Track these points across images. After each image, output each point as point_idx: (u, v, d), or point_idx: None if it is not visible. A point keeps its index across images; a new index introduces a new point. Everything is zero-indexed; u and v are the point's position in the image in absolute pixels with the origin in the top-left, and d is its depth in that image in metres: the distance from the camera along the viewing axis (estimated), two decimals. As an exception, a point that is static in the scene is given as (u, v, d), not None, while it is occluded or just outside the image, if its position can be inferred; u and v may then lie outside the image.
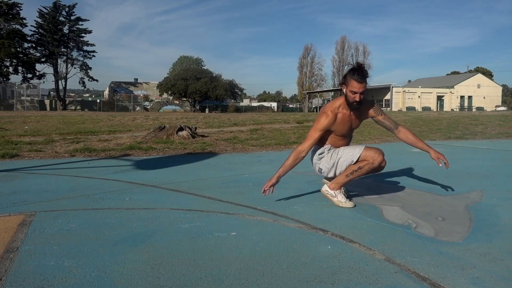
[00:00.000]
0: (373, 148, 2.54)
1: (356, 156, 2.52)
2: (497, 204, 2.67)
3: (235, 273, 1.56)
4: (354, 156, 2.53)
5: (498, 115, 16.44)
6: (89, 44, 45.13)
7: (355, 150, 2.55)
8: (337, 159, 2.60)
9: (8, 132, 8.41)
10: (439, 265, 1.64)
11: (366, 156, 2.51)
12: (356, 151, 2.54)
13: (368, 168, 2.51)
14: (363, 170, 2.52)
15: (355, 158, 2.53)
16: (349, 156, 2.55)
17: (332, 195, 2.60)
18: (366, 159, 2.51)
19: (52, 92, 53.14)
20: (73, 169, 4.12)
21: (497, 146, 6.56)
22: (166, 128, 7.27)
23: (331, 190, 2.61)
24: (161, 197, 2.85)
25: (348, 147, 2.65)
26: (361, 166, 2.51)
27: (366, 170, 2.52)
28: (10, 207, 2.54)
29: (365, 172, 2.55)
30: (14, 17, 37.04)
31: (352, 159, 2.53)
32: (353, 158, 2.53)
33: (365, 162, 2.51)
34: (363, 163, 2.51)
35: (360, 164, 2.52)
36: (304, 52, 57.46)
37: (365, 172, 2.54)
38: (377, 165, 2.51)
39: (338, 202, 2.57)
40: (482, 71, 58.19)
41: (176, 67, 63.79)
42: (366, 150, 2.52)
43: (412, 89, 45.68)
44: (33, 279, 1.49)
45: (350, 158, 2.54)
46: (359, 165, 2.52)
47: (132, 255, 1.73)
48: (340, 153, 2.60)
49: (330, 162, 2.62)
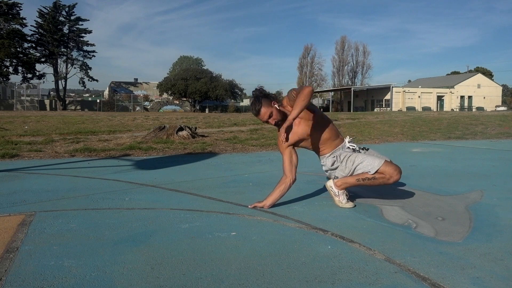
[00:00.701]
0: (393, 165, 2.47)
1: (374, 168, 2.44)
2: (497, 204, 2.67)
3: (235, 273, 1.56)
4: (373, 168, 2.45)
5: (498, 115, 16.45)
6: (89, 44, 45.16)
7: (375, 162, 2.46)
8: (353, 168, 2.52)
9: (8, 132, 8.42)
10: (439, 265, 1.64)
11: (384, 171, 2.43)
12: (376, 164, 2.45)
13: (381, 182, 2.46)
14: (376, 182, 2.47)
15: (373, 170, 2.45)
16: (367, 167, 2.47)
17: (335, 194, 2.58)
18: (384, 173, 2.44)
19: (52, 92, 53.14)
20: (73, 169, 4.12)
21: (497, 146, 6.56)
22: (166, 128, 7.27)
23: (336, 189, 2.57)
24: (161, 197, 2.85)
25: (368, 156, 2.54)
26: (376, 177, 2.45)
27: (379, 183, 2.47)
28: (10, 207, 2.54)
29: (376, 184, 2.49)
30: (14, 17, 37.06)
31: (369, 171, 2.46)
32: (371, 170, 2.45)
33: (381, 176, 2.44)
34: (379, 176, 2.44)
35: (376, 175, 2.45)
36: (304, 52, 57.56)
37: (377, 184, 2.49)
38: (391, 182, 2.47)
39: (338, 202, 2.57)
40: (482, 71, 58.18)
41: (176, 67, 63.81)
42: (385, 164, 2.44)
43: (412, 89, 45.68)
44: (33, 279, 1.49)
45: (368, 168, 2.46)
46: (375, 175, 2.45)
47: (132, 255, 1.73)
48: (358, 161, 2.50)
49: (346, 171, 2.54)
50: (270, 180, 3.51)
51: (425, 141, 7.51)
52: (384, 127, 10.61)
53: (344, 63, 57.44)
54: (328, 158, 2.62)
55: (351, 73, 58.04)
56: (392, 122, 12.14)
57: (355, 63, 57.73)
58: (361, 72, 57.84)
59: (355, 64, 57.71)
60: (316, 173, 3.73)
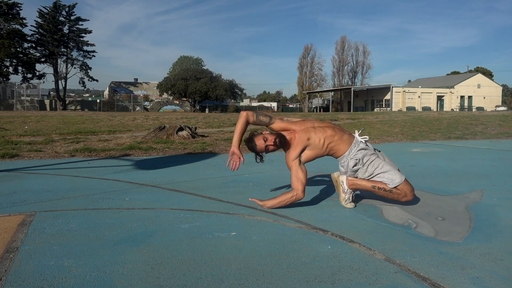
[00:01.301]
0: (410, 185, 2.48)
1: (395, 183, 2.44)
2: (497, 204, 2.67)
3: (235, 273, 1.56)
4: (394, 183, 2.44)
5: (498, 115, 16.44)
6: (89, 44, 45.13)
7: (396, 178, 2.45)
8: (374, 174, 2.50)
9: (8, 132, 8.41)
10: (439, 265, 1.64)
11: (402, 189, 2.45)
12: (397, 180, 2.45)
13: (394, 197, 2.47)
14: (389, 196, 2.48)
15: (393, 185, 2.45)
16: (388, 180, 2.46)
17: (344, 190, 2.55)
18: (399, 191, 2.45)
19: (52, 92, 53.12)
20: (73, 169, 4.12)
21: (497, 146, 6.56)
22: (166, 128, 7.27)
23: (346, 186, 2.55)
24: (161, 197, 2.85)
25: (389, 166, 2.51)
26: (393, 191, 2.46)
27: (391, 197, 2.49)
28: (10, 207, 2.54)
29: (388, 198, 2.51)
30: (14, 17, 37.03)
31: (390, 183, 2.45)
32: (391, 185, 2.45)
33: (398, 192, 2.45)
34: (395, 191, 2.45)
35: (393, 189, 2.45)
36: (304, 52, 57.48)
37: (389, 198, 2.51)
38: (403, 201, 2.49)
39: (343, 200, 2.56)
40: (482, 71, 58.18)
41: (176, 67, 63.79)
42: (405, 183, 2.46)
43: (412, 89, 45.66)
44: (33, 279, 1.49)
45: (389, 181, 2.46)
46: (392, 189, 2.46)
47: (132, 255, 1.73)
48: (381, 169, 2.49)
49: (366, 174, 2.53)
50: (270, 180, 3.51)
51: (425, 141, 7.51)
52: (384, 127, 10.60)
53: (344, 63, 57.43)
54: (350, 159, 2.54)
55: (351, 73, 58.03)
56: (392, 122, 12.14)
57: (355, 63, 57.72)
58: (361, 72, 57.83)
59: (355, 64, 57.70)
60: (316, 173, 3.73)
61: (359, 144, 2.58)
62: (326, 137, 2.54)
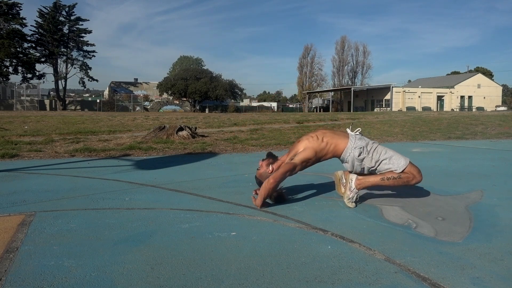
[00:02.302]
0: (416, 166, 2.50)
1: (402, 167, 2.45)
2: (497, 204, 2.67)
3: (235, 273, 1.56)
4: (400, 167, 2.46)
5: (498, 115, 16.44)
6: (89, 44, 45.15)
7: (401, 161, 2.47)
8: (380, 160, 2.50)
9: (8, 132, 8.41)
10: (439, 265, 1.64)
11: (409, 171, 2.46)
12: (403, 163, 2.47)
13: (405, 181, 2.46)
14: (400, 182, 2.47)
15: (400, 169, 2.45)
16: (394, 165, 2.47)
17: (350, 188, 2.54)
18: (408, 174, 2.46)
19: (52, 92, 53.12)
20: (73, 169, 4.12)
21: (497, 146, 6.56)
22: (166, 128, 7.27)
23: (354, 186, 2.53)
24: (161, 197, 2.85)
25: (392, 151, 2.54)
26: (402, 176, 2.45)
27: (403, 182, 2.47)
28: (10, 207, 2.54)
29: (400, 184, 2.49)
30: (14, 17, 37.04)
31: (396, 168, 2.46)
32: (398, 169, 2.46)
33: (406, 175, 2.46)
34: (404, 175, 2.46)
35: (401, 174, 2.46)
36: (304, 52, 57.52)
37: (401, 184, 2.48)
38: (413, 183, 2.49)
39: (347, 197, 2.55)
40: (482, 71, 58.20)
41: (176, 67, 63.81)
42: (410, 165, 2.48)
43: (412, 89, 45.67)
44: (33, 279, 1.49)
45: (396, 166, 2.46)
46: (400, 174, 2.45)
47: (132, 255, 1.73)
48: (385, 155, 2.51)
49: (372, 162, 2.53)
50: (270, 180, 3.51)
51: (425, 141, 7.51)
52: (384, 127, 10.60)
53: (344, 63, 57.44)
54: (354, 148, 2.53)
55: (351, 73, 58.05)
56: (392, 122, 12.14)
57: (355, 63, 57.73)
58: (361, 72, 57.85)
59: (355, 64, 57.72)
60: (316, 173, 3.73)
61: (355, 136, 2.61)
62: (318, 134, 2.62)
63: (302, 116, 19.44)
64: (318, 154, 2.57)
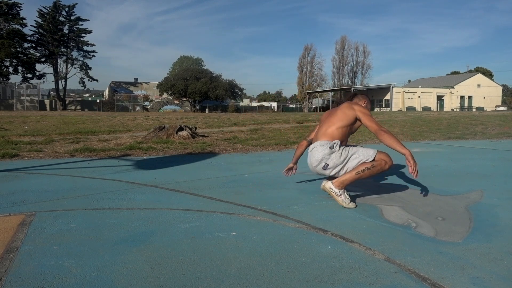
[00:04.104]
0: (385, 152, 2.61)
1: (371, 156, 2.56)
2: (497, 204, 2.67)
3: (235, 273, 1.56)
4: (370, 156, 2.56)
5: (498, 115, 16.45)
6: (89, 44, 45.14)
7: (370, 151, 2.59)
8: (348, 156, 2.59)
9: (8, 132, 8.41)
10: (439, 265, 1.64)
11: (379, 157, 2.56)
12: (371, 152, 2.58)
13: (379, 168, 2.54)
14: (374, 170, 2.53)
15: (370, 158, 2.55)
16: (364, 155, 2.57)
17: (337, 194, 2.57)
18: (379, 161, 2.55)
19: (52, 92, 53.11)
20: (73, 169, 4.12)
21: (497, 146, 6.56)
22: (166, 128, 7.27)
23: (336, 189, 2.56)
24: (161, 197, 2.85)
25: (360, 147, 2.68)
26: (374, 165, 2.53)
27: (377, 170, 2.54)
28: (10, 207, 2.54)
29: (375, 172, 2.56)
30: (14, 17, 37.04)
31: (367, 157, 2.56)
32: (370, 157, 2.56)
33: (378, 163, 2.54)
34: (376, 163, 2.54)
35: (374, 163, 2.54)
36: (304, 52, 57.45)
37: (376, 172, 2.55)
38: (387, 168, 2.57)
39: (342, 202, 2.56)
40: (482, 71, 58.17)
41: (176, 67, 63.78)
42: (379, 153, 2.59)
43: (412, 89, 45.65)
44: (33, 279, 1.49)
45: (365, 157, 2.56)
46: (372, 163, 2.54)
47: (132, 255, 1.73)
48: (353, 150, 2.61)
49: (341, 159, 2.58)
50: (270, 180, 3.51)
51: (425, 141, 7.51)
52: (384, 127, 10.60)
53: (344, 63, 57.41)
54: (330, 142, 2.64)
55: (351, 73, 58.02)
56: (392, 122, 12.14)
57: (355, 63, 57.70)
58: (361, 72, 57.81)
59: (355, 64, 57.68)
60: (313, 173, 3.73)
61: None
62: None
63: (302, 116, 19.45)
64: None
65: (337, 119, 2.70)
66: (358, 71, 57.78)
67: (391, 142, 2.51)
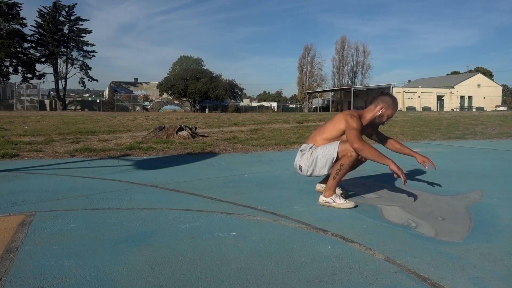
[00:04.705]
0: (346, 142, 2.56)
1: (334, 152, 2.55)
2: (497, 204, 2.67)
3: (235, 273, 1.56)
4: (333, 152, 2.55)
5: (498, 115, 16.45)
6: (89, 44, 45.16)
7: (331, 146, 2.58)
8: (315, 156, 2.63)
9: (8, 132, 8.41)
10: (439, 265, 1.64)
11: (342, 151, 2.54)
12: (333, 147, 2.57)
13: (349, 162, 2.52)
14: (345, 166, 2.53)
15: (334, 154, 2.55)
16: (327, 153, 2.58)
17: (330, 202, 2.58)
18: (343, 153, 2.53)
19: (52, 92, 53.13)
20: (73, 169, 4.12)
21: (497, 146, 6.56)
22: (166, 128, 7.27)
23: (327, 198, 2.59)
24: (161, 197, 2.85)
25: (324, 145, 2.66)
26: (342, 163, 2.53)
27: (348, 164, 2.53)
28: (10, 207, 2.54)
29: (348, 167, 2.55)
30: (14, 17, 37.06)
31: (331, 155, 2.55)
32: (333, 155, 2.55)
33: (344, 157, 2.52)
34: (343, 159, 2.53)
35: (340, 161, 2.54)
36: (304, 52, 57.48)
37: (348, 167, 2.55)
38: (355, 156, 2.50)
39: (338, 205, 2.56)
40: (482, 71, 58.18)
41: (176, 67, 63.82)
42: (341, 144, 2.56)
43: (412, 89, 45.68)
44: (33, 279, 1.49)
45: (329, 154, 2.57)
46: (340, 162, 2.54)
47: (132, 255, 1.73)
48: (318, 151, 2.64)
49: (310, 160, 2.65)
50: (270, 180, 3.51)
51: (425, 141, 7.51)
52: (384, 127, 10.60)
53: (344, 63, 57.42)
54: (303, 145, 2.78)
55: (351, 73, 58.03)
56: (392, 122, 12.14)
57: (355, 63, 57.72)
58: (361, 72, 57.83)
59: (355, 64, 57.71)
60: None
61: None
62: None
63: (302, 116, 19.45)
64: None
65: (328, 130, 2.71)
66: (358, 71, 57.81)
67: (371, 156, 2.45)
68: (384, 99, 2.72)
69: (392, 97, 2.76)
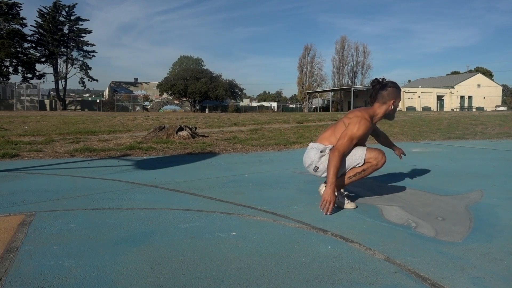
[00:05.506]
0: (375, 149, 2.51)
1: (362, 158, 2.47)
2: (497, 204, 2.67)
3: (235, 273, 1.56)
4: (360, 158, 2.47)
5: (498, 115, 16.45)
6: (89, 44, 45.19)
7: (359, 152, 2.49)
8: None
9: (8, 132, 8.41)
10: (439, 265, 1.64)
11: (369, 158, 2.48)
12: (360, 153, 2.48)
13: (372, 170, 2.50)
14: (367, 172, 2.51)
15: (361, 161, 2.48)
16: (354, 159, 2.49)
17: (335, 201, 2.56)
18: (370, 161, 2.48)
19: (52, 92, 53.15)
20: (73, 169, 4.12)
21: (497, 146, 6.56)
22: (166, 128, 7.27)
23: None
24: (161, 197, 2.85)
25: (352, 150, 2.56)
26: (365, 168, 2.49)
27: (370, 172, 2.51)
28: (10, 207, 2.54)
29: (368, 174, 2.53)
30: (14, 17, 37.08)
31: (358, 163, 2.48)
32: (360, 161, 2.48)
33: (369, 164, 2.48)
34: (367, 165, 2.48)
35: (364, 166, 2.49)
36: (304, 52, 57.50)
37: (368, 174, 2.53)
38: (380, 166, 2.50)
39: (340, 203, 2.56)
40: (482, 71, 58.21)
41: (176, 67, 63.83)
42: (368, 152, 2.48)
43: (412, 89, 45.69)
44: (33, 279, 1.49)
45: (356, 160, 2.49)
46: (363, 167, 2.49)
47: (132, 255, 1.73)
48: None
49: None
50: (270, 180, 3.51)
51: (425, 141, 7.51)
52: (383, 127, 10.60)
53: (344, 63, 57.44)
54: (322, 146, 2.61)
55: (351, 73, 58.05)
56: (392, 122, 12.13)
57: (355, 63, 57.74)
58: (361, 72, 57.85)
59: (355, 64, 57.73)
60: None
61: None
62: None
63: (302, 116, 19.45)
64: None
65: (338, 131, 2.59)
66: (358, 71, 57.83)
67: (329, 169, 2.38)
68: (391, 91, 2.59)
69: (395, 85, 2.64)
